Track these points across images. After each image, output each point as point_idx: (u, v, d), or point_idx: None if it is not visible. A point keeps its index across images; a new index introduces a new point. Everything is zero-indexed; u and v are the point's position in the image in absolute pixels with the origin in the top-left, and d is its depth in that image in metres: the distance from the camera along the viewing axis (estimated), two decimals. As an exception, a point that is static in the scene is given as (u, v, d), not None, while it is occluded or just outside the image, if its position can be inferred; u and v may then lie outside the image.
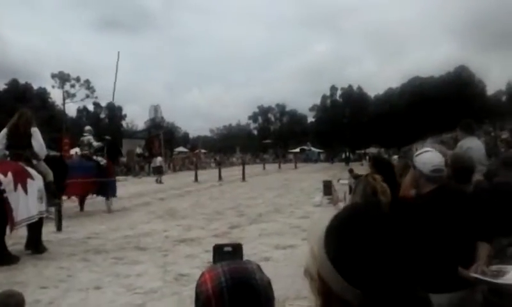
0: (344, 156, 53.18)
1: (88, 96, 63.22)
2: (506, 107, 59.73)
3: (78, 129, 62.42)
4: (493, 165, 5.20)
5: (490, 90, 68.79)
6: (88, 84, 62.02)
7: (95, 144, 13.94)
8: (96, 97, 65.34)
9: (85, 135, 14.06)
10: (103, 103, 71.31)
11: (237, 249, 1.17)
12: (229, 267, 1.02)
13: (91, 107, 71.02)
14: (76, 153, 16.69)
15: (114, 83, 26.49)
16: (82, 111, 71.24)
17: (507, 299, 3.49)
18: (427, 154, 3.04)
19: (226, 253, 1.18)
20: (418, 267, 2.50)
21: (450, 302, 2.72)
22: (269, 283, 1.04)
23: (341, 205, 5.55)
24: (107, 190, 13.17)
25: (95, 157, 13.31)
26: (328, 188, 13.38)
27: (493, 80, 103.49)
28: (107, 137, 15.62)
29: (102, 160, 13.34)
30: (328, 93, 76.16)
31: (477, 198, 3.08)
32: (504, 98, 69.62)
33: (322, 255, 0.80)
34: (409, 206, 3.08)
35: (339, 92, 75.40)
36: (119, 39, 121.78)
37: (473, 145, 4.72)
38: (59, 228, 9.80)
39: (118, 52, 28.55)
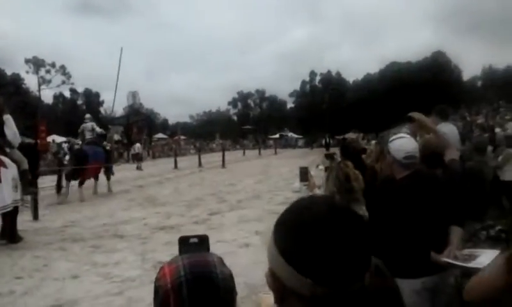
0: (324, 142, 53.41)
1: (64, 83, 61.72)
2: (481, 92, 60.87)
3: (54, 116, 61.56)
4: (466, 150, 5.29)
5: (466, 75, 69.92)
6: (63, 70, 60.59)
7: (98, 130, 14.99)
8: (72, 83, 63.90)
9: (86, 122, 14.80)
10: (80, 89, 70.12)
11: (203, 240, 1.16)
12: (189, 260, 1.01)
13: (67, 94, 69.64)
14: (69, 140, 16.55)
15: (116, 84, 25.35)
16: (59, 98, 69.78)
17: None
18: (400, 140, 3.06)
19: (192, 245, 1.16)
20: (389, 253, 2.53)
21: (424, 286, 2.77)
22: (230, 276, 1.03)
23: (317, 191, 5.58)
24: (110, 172, 15.07)
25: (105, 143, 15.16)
26: (304, 174, 13.45)
27: (469, 66, 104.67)
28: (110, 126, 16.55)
29: (107, 145, 15.06)
30: (308, 79, 76.35)
31: (449, 182, 3.12)
32: (479, 83, 70.85)
33: (273, 250, 0.79)
34: (383, 192, 3.11)
35: (318, 77, 75.61)
36: (95, 23, 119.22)
37: (447, 130, 4.76)
38: (35, 216, 9.65)
39: (121, 48, 27.43)
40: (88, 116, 15.35)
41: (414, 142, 3.09)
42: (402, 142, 3.02)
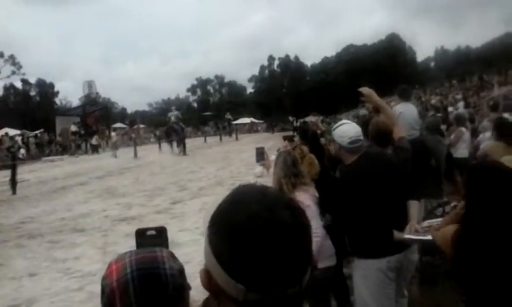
0: (293, 126, 53.29)
1: (14, 73, 59.13)
2: (435, 73, 62.81)
3: (6, 108, 59.01)
4: (421, 129, 5.44)
5: (420, 57, 71.89)
6: (13, 60, 58.00)
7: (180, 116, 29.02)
8: (24, 74, 61.29)
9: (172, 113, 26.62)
10: (32, 80, 67.39)
11: (160, 232, 1.13)
12: (136, 257, 0.98)
13: (19, 85, 66.82)
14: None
15: None
16: (9, 89, 66.86)
17: (440, 256, 3.71)
18: (343, 127, 3.10)
19: (150, 237, 1.12)
20: (352, 235, 2.57)
21: (389, 266, 2.84)
22: (180, 272, 1.00)
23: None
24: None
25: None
26: (260, 155, 13.50)
27: (422, 48, 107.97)
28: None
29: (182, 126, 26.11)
30: (266, 64, 76.37)
31: (399, 159, 3.20)
32: (432, 64, 73.05)
33: (207, 248, 0.74)
34: (337, 177, 3.15)
35: (277, 62, 75.77)
36: (45, 12, 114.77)
37: (405, 110, 4.88)
38: (-12, 214, 9.28)
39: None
40: (173, 110, 26.15)
41: (356, 126, 3.15)
42: (345, 129, 3.07)
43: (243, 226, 0.69)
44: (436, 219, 3.13)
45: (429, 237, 2.70)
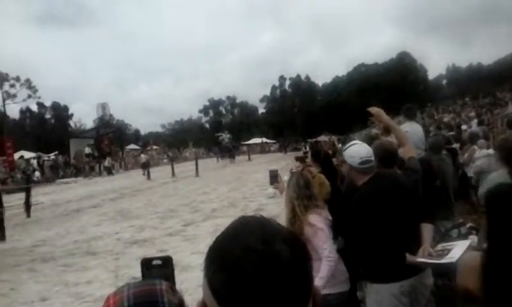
0: (303, 151, 53.21)
1: (30, 96, 60.06)
2: (447, 90, 62.53)
3: (22, 131, 59.93)
4: (427, 149, 5.38)
5: (431, 74, 71.64)
6: (29, 84, 58.92)
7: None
8: (39, 97, 62.24)
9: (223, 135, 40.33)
10: (47, 103, 68.50)
11: (166, 262, 1.10)
12: (134, 290, 0.95)
13: (34, 108, 67.96)
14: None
15: None
16: (25, 112, 68.03)
17: (455, 280, 3.60)
18: (354, 147, 3.06)
19: (156, 267, 1.10)
20: (364, 259, 2.50)
21: (402, 290, 2.76)
22: (179, 305, 0.97)
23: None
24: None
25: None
26: (274, 177, 13.50)
27: (434, 65, 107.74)
28: None
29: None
30: (277, 84, 76.78)
31: (410, 180, 3.14)
32: (444, 81, 72.76)
33: (204, 281, 0.71)
34: (349, 198, 3.10)
35: (288, 82, 76.13)
36: (58, 35, 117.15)
37: (410, 129, 4.82)
38: (2, 237, 9.34)
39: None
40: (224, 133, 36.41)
41: (367, 146, 3.10)
42: (356, 149, 3.02)
43: (238, 259, 0.67)
44: (451, 243, 3.05)
45: (443, 260, 2.63)
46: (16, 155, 37.18)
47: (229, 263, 0.68)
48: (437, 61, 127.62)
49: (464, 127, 17.44)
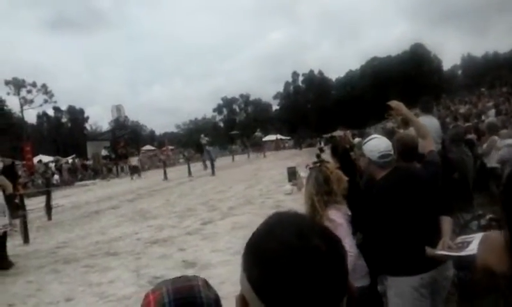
0: (318, 147, 53.11)
1: (46, 101, 61.00)
2: (462, 81, 61.67)
3: (40, 136, 60.87)
4: (445, 142, 5.35)
5: (446, 65, 70.75)
6: (45, 89, 59.83)
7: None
8: (55, 102, 63.20)
9: (203, 138, 29.57)
10: (63, 107, 69.48)
11: None
12: (173, 286, 1.00)
13: (51, 112, 69.00)
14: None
15: None
16: (43, 117, 69.15)
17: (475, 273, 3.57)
18: (373, 141, 3.08)
19: None
20: (384, 253, 2.51)
21: (422, 283, 2.77)
22: (215, 300, 1.01)
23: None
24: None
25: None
26: (292, 174, 13.56)
27: (448, 56, 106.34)
28: None
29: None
30: (290, 80, 76.63)
31: (429, 173, 3.14)
32: (459, 72, 71.77)
33: (242, 275, 0.74)
34: (368, 193, 3.11)
35: (301, 78, 75.95)
36: (72, 39, 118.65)
37: (427, 123, 4.81)
38: (25, 240, 9.52)
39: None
40: (202, 135, 30.74)
41: (386, 140, 3.11)
42: (375, 143, 3.05)
43: (275, 253, 0.70)
44: (471, 235, 3.04)
45: (463, 253, 2.63)
46: (35, 159, 37.82)
47: (267, 256, 0.70)
48: (451, 51, 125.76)
49: (482, 117, 17.21)
